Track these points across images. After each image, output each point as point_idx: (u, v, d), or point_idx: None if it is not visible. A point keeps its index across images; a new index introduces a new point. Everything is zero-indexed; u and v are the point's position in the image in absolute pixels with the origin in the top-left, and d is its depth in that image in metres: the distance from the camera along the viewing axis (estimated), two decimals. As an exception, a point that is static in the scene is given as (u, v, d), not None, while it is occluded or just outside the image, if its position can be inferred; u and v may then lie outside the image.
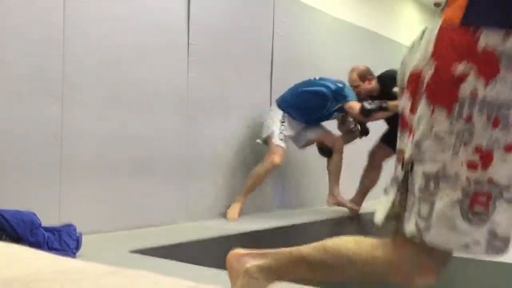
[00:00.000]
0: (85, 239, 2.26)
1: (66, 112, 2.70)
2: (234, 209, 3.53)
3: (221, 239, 2.71)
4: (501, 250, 0.90)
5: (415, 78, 0.97)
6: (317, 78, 4.02)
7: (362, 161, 4.36)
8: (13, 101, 2.50)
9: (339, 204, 4.13)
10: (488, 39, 0.86)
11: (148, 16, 3.15)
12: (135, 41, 3.07)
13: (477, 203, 0.89)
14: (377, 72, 5.25)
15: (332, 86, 3.90)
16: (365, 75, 4.14)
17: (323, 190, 4.25)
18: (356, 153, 4.37)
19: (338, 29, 4.97)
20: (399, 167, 1.01)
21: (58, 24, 2.68)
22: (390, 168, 3.97)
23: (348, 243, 1.08)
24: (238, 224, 3.31)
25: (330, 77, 4.82)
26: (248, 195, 3.67)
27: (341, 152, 4.11)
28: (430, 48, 0.93)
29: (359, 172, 4.35)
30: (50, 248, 2.00)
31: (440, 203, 0.90)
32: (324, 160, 4.23)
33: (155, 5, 3.20)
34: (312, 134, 4.06)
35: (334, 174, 4.10)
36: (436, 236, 0.91)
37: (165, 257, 2.17)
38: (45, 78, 2.62)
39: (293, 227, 3.33)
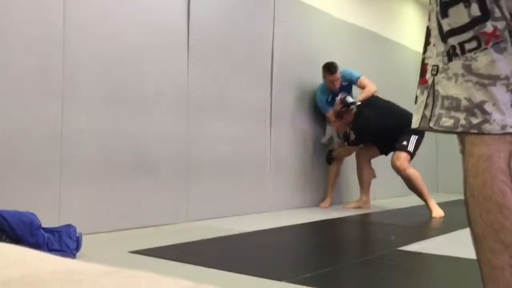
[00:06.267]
0: (84, 239, 2.25)
1: (66, 112, 2.70)
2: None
3: (221, 240, 2.71)
4: None
5: None
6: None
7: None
8: (13, 101, 2.50)
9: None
10: None
11: (148, 16, 3.15)
12: (135, 41, 3.07)
13: None
14: (376, 72, 5.25)
15: None
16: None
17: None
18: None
19: (338, 29, 4.96)
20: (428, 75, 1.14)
21: (58, 24, 2.68)
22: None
23: None
24: (238, 224, 3.31)
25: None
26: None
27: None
28: None
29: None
30: (50, 249, 2.00)
31: None
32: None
33: (155, 5, 3.20)
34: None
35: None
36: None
37: (165, 258, 2.17)
38: (45, 78, 2.62)
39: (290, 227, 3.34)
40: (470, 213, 1.06)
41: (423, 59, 1.19)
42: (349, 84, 4.52)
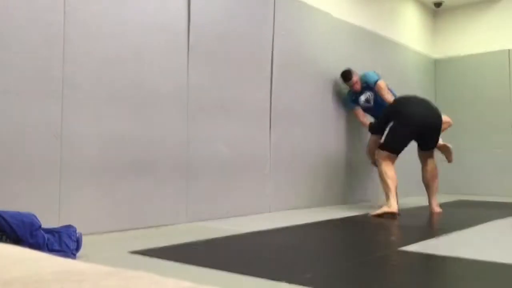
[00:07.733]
0: (85, 240, 2.26)
1: (66, 112, 2.70)
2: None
3: (221, 240, 2.71)
4: None
5: None
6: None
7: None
8: (13, 101, 2.50)
9: None
10: None
11: (148, 16, 3.15)
12: (135, 41, 3.07)
13: None
14: (376, 72, 5.21)
15: None
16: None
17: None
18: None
19: (338, 29, 4.96)
20: None
21: (58, 24, 2.68)
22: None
23: None
24: (238, 225, 3.31)
25: (330, 76, 4.82)
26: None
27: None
28: None
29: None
30: (50, 249, 2.00)
31: None
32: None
33: (155, 5, 3.20)
34: None
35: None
36: None
37: (165, 258, 2.17)
38: (45, 78, 2.62)
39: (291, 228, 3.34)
40: None
41: None
42: (367, 85, 4.72)
